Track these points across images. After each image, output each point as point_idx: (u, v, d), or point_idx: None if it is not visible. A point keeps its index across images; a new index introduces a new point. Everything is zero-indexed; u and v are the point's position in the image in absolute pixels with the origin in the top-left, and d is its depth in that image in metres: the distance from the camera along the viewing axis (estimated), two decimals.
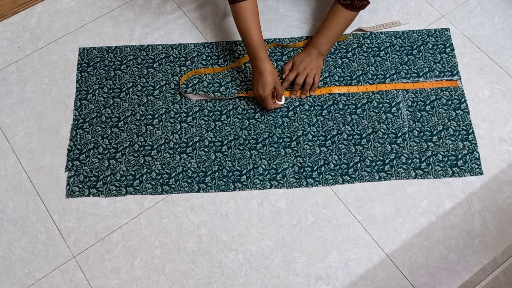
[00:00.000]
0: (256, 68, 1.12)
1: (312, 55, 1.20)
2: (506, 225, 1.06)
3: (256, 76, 1.12)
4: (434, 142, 1.14)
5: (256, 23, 1.11)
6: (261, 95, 1.12)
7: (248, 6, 1.09)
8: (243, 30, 1.11)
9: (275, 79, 1.12)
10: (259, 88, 1.12)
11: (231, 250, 1.05)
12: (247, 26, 1.10)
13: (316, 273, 1.02)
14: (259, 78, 1.11)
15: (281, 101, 1.16)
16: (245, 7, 1.09)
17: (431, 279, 1.02)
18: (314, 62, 1.20)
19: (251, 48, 1.11)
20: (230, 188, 1.11)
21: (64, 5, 1.36)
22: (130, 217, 1.08)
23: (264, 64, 1.10)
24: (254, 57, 1.11)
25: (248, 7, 1.10)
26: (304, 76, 1.19)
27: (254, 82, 1.13)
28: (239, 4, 1.09)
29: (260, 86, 1.11)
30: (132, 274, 1.03)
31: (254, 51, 1.11)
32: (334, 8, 1.17)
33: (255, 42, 1.10)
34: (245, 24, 1.10)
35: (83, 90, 1.23)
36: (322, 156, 1.13)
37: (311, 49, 1.21)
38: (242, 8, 1.09)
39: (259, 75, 1.11)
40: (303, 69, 1.19)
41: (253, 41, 1.10)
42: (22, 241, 1.06)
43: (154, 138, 1.16)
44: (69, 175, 1.12)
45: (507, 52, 1.26)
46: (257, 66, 1.11)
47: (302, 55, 1.22)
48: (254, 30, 1.10)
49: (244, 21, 1.10)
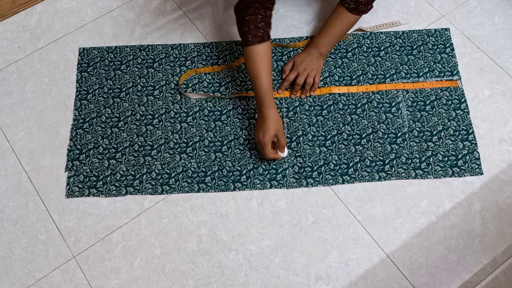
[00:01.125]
0: (260, 114, 1.08)
1: (313, 55, 1.20)
2: (506, 225, 1.06)
3: (259, 121, 1.08)
4: (434, 142, 1.14)
5: (268, 68, 1.07)
6: (260, 141, 1.06)
7: (260, 50, 1.06)
8: (253, 74, 1.08)
9: (277, 128, 1.06)
10: (260, 133, 1.06)
11: (231, 250, 1.05)
12: (257, 71, 1.06)
13: (316, 273, 1.02)
14: (262, 123, 1.07)
15: (283, 153, 1.09)
16: (258, 51, 1.06)
17: (431, 279, 1.02)
18: (314, 62, 1.20)
19: (259, 94, 1.07)
20: (230, 188, 1.11)
21: (64, 5, 1.36)
22: (130, 217, 1.08)
23: (269, 111, 1.06)
24: (261, 102, 1.07)
25: (261, 52, 1.06)
26: (305, 76, 1.18)
27: (256, 127, 1.09)
28: (251, 48, 1.05)
29: (261, 132, 1.06)
30: (132, 274, 1.03)
31: (261, 97, 1.07)
32: (338, 10, 1.17)
33: (264, 88, 1.06)
34: (256, 69, 1.06)
35: (83, 90, 1.23)
36: (322, 156, 1.13)
37: (311, 50, 1.21)
38: (254, 52, 1.06)
39: (262, 121, 1.07)
40: (304, 69, 1.19)
41: (262, 87, 1.06)
42: (22, 241, 1.06)
43: (154, 138, 1.16)
44: (69, 175, 1.12)
45: (507, 52, 1.26)
46: (262, 112, 1.07)
47: (302, 56, 1.22)
48: (264, 76, 1.06)
49: (255, 66, 1.06)
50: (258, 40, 1.05)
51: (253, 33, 1.05)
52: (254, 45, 1.05)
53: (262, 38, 1.06)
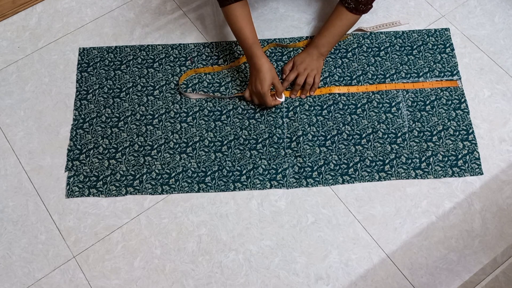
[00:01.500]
0: (253, 65, 1.12)
1: (313, 55, 1.20)
2: (506, 225, 1.06)
3: (253, 73, 1.12)
4: (434, 142, 1.14)
5: (248, 22, 1.11)
6: (259, 91, 1.11)
7: (238, 7, 1.09)
8: (235, 30, 1.12)
9: (273, 76, 1.11)
10: (257, 84, 1.11)
11: (231, 250, 1.05)
12: (239, 26, 1.10)
13: (316, 273, 1.02)
14: (257, 75, 1.11)
15: (281, 98, 1.15)
16: (236, 8, 1.09)
17: (431, 279, 1.02)
18: (314, 62, 1.20)
19: (246, 47, 1.11)
20: (230, 188, 1.11)
21: (64, 5, 1.36)
22: (130, 217, 1.08)
23: (260, 60, 1.10)
24: (250, 55, 1.11)
25: (239, 8, 1.09)
26: (305, 76, 1.19)
27: (251, 79, 1.13)
28: (229, 7, 1.09)
29: (258, 83, 1.11)
30: (132, 274, 1.03)
31: (249, 48, 1.11)
32: (338, 10, 1.17)
33: (249, 40, 1.10)
34: (237, 25, 1.10)
35: (83, 90, 1.23)
36: (322, 156, 1.13)
37: (312, 50, 1.21)
38: (233, 9, 1.09)
39: (257, 72, 1.11)
40: (304, 69, 1.19)
41: (247, 39, 1.10)
42: (22, 241, 1.06)
43: (154, 138, 1.16)
44: (69, 175, 1.12)
45: (507, 52, 1.26)
46: (254, 64, 1.11)
47: (302, 56, 1.22)
48: (247, 29, 1.10)
49: (235, 22, 1.10)
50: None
51: None
52: (232, 4, 1.09)
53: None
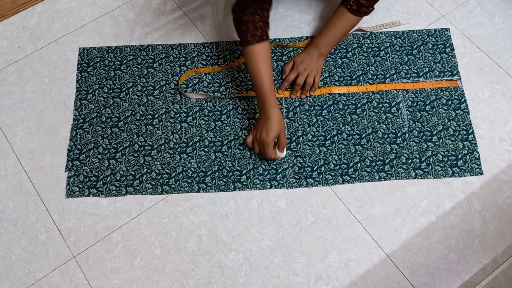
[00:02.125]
0: (263, 112, 1.07)
1: (313, 55, 1.20)
2: (506, 225, 1.06)
3: (262, 120, 1.07)
4: (434, 142, 1.14)
5: (268, 67, 1.07)
6: (263, 140, 1.05)
7: (260, 49, 1.05)
8: (254, 74, 1.07)
9: (280, 127, 1.06)
10: (263, 132, 1.06)
11: (231, 250, 1.05)
12: (258, 71, 1.06)
13: (316, 273, 1.02)
14: (265, 122, 1.06)
15: (283, 153, 1.09)
16: (257, 50, 1.05)
17: (431, 279, 1.02)
18: (314, 62, 1.20)
19: (261, 93, 1.06)
20: (230, 188, 1.11)
21: (64, 5, 1.36)
22: (130, 217, 1.08)
23: (272, 109, 1.05)
24: (263, 102, 1.06)
25: (260, 51, 1.05)
26: (305, 76, 1.18)
27: (258, 126, 1.08)
28: (251, 47, 1.05)
29: (264, 131, 1.05)
30: (132, 274, 1.03)
31: (264, 95, 1.06)
32: (339, 11, 1.17)
33: (266, 87, 1.06)
34: (257, 69, 1.06)
35: (83, 90, 1.23)
36: (322, 156, 1.13)
37: (312, 50, 1.21)
38: (254, 51, 1.05)
39: (265, 120, 1.06)
40: (304, 69, 1.19)
41: (264, 86, 1.06)
42: (22, 241, 1.06)
43: (154, 138, 1.16)
44: (69, 175, 1.12)
45: (507, 52, 1.26)
46: (265, 111, 1.06)
47: (302, 56, 1.22)
48: (265, 75, 1.06)
49: (255, 65, 1.06)
50: (257, 39, 1.05)
51: (252, 33, 1.05)
52: (254, 45, 1.05)
53: (261, 38, 1.06)
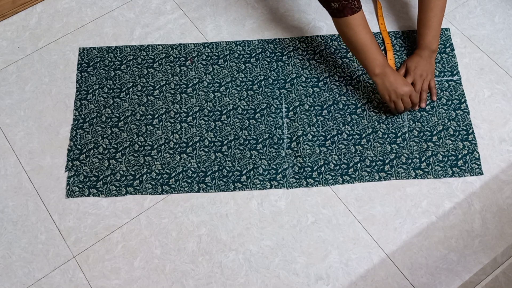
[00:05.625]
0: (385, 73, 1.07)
1: (425, 57, 1.17)
2: (506, 225, 1.06)
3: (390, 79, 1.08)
4: (434, 142, 1.14)
5: (372, 37, 1.04)
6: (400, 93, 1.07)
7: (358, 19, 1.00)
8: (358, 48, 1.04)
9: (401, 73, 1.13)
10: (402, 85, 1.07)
11: (231, 250, 1.05)
12: (363, 43, 1.02)
13: (316, 273, 1.02)
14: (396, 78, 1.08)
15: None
16: (356, 21, 1.00)
17: (431, 279, 1.02)
18: (428, 65, 1.17)
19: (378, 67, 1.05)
20: (230, 188, 1.11)
21: (64, 5, 1.36)
22: (130, 217, 1.08)
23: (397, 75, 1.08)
24: (384, 73, 1.07)
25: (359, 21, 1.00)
26: (421, 83, 1.15)
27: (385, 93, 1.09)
28: (347, 18, 1.00)
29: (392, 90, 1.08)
30: (132, 274, 1.03)
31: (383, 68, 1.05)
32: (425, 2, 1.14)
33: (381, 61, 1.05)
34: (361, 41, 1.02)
35: (83, 90, 1.23)
36: (322, 156, 1.13)
37: (422, 51, 1.17)
38: (353, 22, 1.00)
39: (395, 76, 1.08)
40: (420, 75, 1.16)
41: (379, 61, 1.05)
42: (22, 241, 1.06)
43: (154, 138, 1.16)
44: (69, 175, 1.12)
45: (507, 52, 1.26)
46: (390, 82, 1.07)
47: (415, 60, 1.18)
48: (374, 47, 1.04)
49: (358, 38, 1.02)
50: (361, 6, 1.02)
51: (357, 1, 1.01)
52: (351, 16, 1.01)
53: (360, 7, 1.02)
